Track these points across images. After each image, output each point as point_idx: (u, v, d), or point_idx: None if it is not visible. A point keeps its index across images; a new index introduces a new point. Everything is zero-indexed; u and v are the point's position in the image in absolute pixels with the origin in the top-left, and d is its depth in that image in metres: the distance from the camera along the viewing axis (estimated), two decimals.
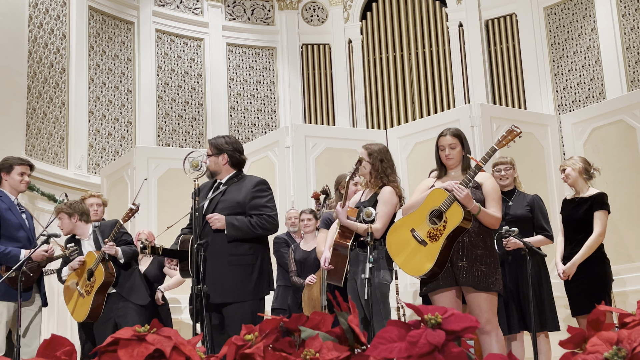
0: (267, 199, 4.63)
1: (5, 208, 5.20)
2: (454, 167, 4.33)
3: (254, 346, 1.97)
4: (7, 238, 5.16)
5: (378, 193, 4.90)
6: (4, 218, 5.16)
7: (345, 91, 12.06)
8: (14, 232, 5.19)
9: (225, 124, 11.59)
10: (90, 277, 5.49)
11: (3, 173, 5.33)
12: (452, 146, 4.29)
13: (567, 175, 5.43)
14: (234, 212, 4.54)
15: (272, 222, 4.58)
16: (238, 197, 4.59)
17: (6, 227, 5.17)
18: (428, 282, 4.20)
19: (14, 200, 5.32)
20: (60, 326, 8.78)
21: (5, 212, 5.18)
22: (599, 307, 1.90)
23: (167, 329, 2.02)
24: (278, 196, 8.16)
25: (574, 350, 1.88)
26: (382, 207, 4.78)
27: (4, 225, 5.16)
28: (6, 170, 5.32)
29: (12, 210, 5.25)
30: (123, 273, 5.60)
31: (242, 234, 4.49)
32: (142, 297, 5.62)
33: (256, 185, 4.64)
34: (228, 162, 4.70)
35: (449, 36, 11.69)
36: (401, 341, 1.76)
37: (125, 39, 11.17)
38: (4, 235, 5.16)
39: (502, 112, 8.32)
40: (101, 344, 2.02)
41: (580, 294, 5.21)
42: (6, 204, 5.23)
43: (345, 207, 4.90)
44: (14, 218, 5.22)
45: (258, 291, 4.54)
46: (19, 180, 5.32)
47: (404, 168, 8.01)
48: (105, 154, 10.54)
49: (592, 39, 10.40)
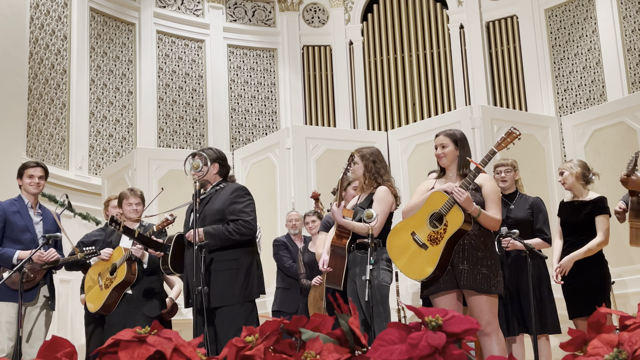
0: (244, 204, 4.68)
1: (14, 211, 5.42)
2: (448, 167, 4.34)
3: (255, 348, 1.97)
4: (10, 240, 5.35)
5: (373, 193, 4.92)
6: (9, 221, 5.38)
7: (346, 93, 12.06)
8: (18, 235, 5.36)
9: (226, 126, 11.60)
10: (113, 272, 5.60)
11: (18, 179, 5.59)
12: (443, 145, 4.32)
13: (564, 178, 5.42)
14: (217, 220, 4.62)
15: (248, 227, 4.62)
16: (219, 205, 4.67)
17: (11, 230, 5.36)
18: (429, 285, 4.20)
19: (27, 203, 5.50)
20: (61, 327, 8.79)
21: (13, 215, 5.40)
22: (600, 310, 1.90)
23: (167, 330, 2.02)
24: (279, 198, 8.17)
25: (575, 352, 1.88)
26: (377, 206, 4.81)
27: (8, 227, 5.37)
28: (19, 175, 5.58)
29: (22, 213, 5.44)
30: (145, 279, 5.63)
31: (220, 241, 4.55)
32: (152, 309, 5.65)
33: (234, 192, 4.71)
34: (218, 172, 4.81)
35: (450, 38, 11.69)
36: (402, 343, 1.76)
37: (127, 40, 11.17)
38: (8, 236, 5.36)
39: (502, 114, 8.32)
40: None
41: (578, 296, 5.21)
42: (17, 207, 5.46)
43: (341, 206, 4.92)
44: (20, 221, 5.40)
45: (245, 295, 4.60)
46: (28, 182, 5.50)
47: (404, 169, 8.01)
48: (106, 155, 10.54)
49: (593, 41, 10.40)
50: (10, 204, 5.45)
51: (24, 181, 5.51)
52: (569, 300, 5.29)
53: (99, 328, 6.01)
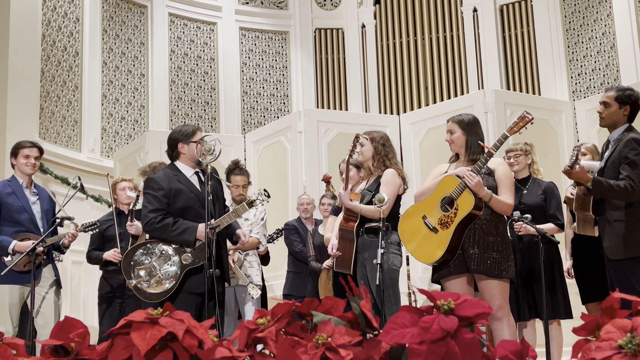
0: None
1: (8, 192, 5.37)
2: (460, 153, 4.35)
3: (266, 330, 1.98)
4: (8, 221, 5.32)
5: (381, 176, 4.92)
6: (4, 203, 5.33)
7: (358, 76, 12.01)
8: (15, 215, 5.33)
9: (237, 109, 11.59)
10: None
11: (12, 158, 5.52)
12: (451, 131, 4.35)
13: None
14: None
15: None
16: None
17: (7, 211, 5.33)
18: (440, 269, 4.20)
19: (22, 183, 5.45)
20: (74, 309, 8.85)
21: (7, 196, 5.35)
22: (613, 294, 1.89)
23: (180, 312, 2.03)
24: (290, 181, 8.18)
25: (588, 337, 1.87)
26: (385, 189, 4.81)
27: (4, 209, 5.33)
28: (14, 155, 5.51)
29: (17, 194, 5.39)
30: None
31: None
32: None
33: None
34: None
35: (463, 21, 11.61)
36: (413, 327, 1.76)
37: (139, 22, 11.15)
38: (5, 218, 5.33)
39: (515, 98, 8.27)
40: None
41: (591, 281, 5.18)
42: (12, 188, 5.40)
43: (348, 189, 4.92)
44: (16, 202, 5.36)
45: None
46: (24, 162, 5.45)
47: (416, 153, 7.98)
48: (118, 138, 10.56)
49: (608, 25, 10.30)
50: (4, 186, 5.40)
51: (19, 161, 5.44)
52: (581, 285, 5.26)
53: (111, 308, 6.04)
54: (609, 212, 4.26)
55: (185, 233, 4.36)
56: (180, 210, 4.45)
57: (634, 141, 4.20)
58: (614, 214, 4.23)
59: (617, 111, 4.37)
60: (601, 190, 4.19)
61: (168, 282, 4.35)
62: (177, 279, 4.34)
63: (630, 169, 4.15)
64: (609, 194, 4.19)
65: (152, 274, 4.38)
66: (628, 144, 4.21)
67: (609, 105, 4.38)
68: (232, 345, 2.01)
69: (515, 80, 11.23)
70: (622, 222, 4.18)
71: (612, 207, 4.25)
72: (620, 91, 4.39)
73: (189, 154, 4.59)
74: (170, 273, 4.36)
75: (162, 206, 4.42)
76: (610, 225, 4.23)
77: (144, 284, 4.36)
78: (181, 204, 4.46)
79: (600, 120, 4.43)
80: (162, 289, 4.34)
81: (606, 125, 4.43)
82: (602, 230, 4.31)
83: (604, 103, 4.39)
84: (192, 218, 4.44)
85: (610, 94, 4.39)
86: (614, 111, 4.37)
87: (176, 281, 4.34)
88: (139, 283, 4.37)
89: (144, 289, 4.35)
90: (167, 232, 4.36)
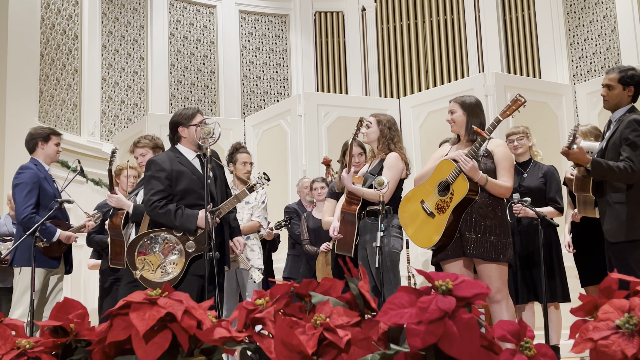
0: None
1: (42, 177, 5.31)
2: (460, 133, 4.35)
3: (265, 311, 1.98)
4: (45, 208, 5.23)
5: (384, 159, 4.91)
6: (42, 188, 5.27)
7: (358, 59, 11.98)
8: (48, 202, 5.26)
9: (237, 92, 11.56)
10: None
11: (40, 142, 5.43)
12: (452, 111, 4.35)
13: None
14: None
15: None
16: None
17: (44, 197, 5.27)
18: (438, 252, 4.21)
19: (47, 169, 5.42)
20: (74, 291, 8.87)
21: (43, 181, 5.29)
22: (611, 275, 1.89)
23: (178, 293, 2.03)
24: (290, 165, 8.17)
25: (585, 317, 1.87)
26: (388, 172, 4.81)
27: (42, 195, 5.27)
28: (44, 139, 5.43)
29: (48, 179, 5.36)
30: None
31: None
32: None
33: None
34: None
35: (464, 4, 11.56)
36: (411, 307, 1.76)
37: (138, 5, 11.10)
38: (43, 205, 5.24)
39: (516, 81, 8.24)
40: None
41: (591, 264, 5.18)
42: (42, 173, 5.34)
43: (351, 172, 4.91)
44: (50, 188, 5.33)
45: None
46: (56, 150, 5.45)
47: (416, 137, 7.97)
48: (117, 122, 10.55)
49: (609, 8, 10.25)
50: (38, 171, 5.33)
51: (50, 147, 5.41)
52: (581, 268, 5.27)
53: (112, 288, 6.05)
54: (609, 194, 4.24)
55: (187, 221, 4.36)
56: (182, 192, 4.45)
57: (635, 122, 4.18)
58: (614, 196, 4.21)
59: (621, 93, 4.32)
60: (600, 172, 4.18)
61: (173, 270, 4.36)
62: (183, 267, 4.36)
63: (630, 150, 4.14)
64: (608, 175, 4.17)
65: (157, 264, 4.39)
66: (629, 125, 4.18)
67: (612, 88, 4.33)
68: (231, 326, 2.02)
69: (516, 64, 11.19)
70: (622, 204, 4.17)
71: (612, 189, 4.23)
72: (623, 72, 4.34)
73: (189, 137, 4.58)
74: (175, 261, 4.37)
75: (165, 187, 4.42)
76: (611, 207, 4.22)
77: (150, 274, 4.37)
78: (183, 186, 4.46)
79: (605, 102, 4.39)
80: (168, 277, 4.35)
81: (610, 107, 4.39)
82: (602, 212, 4.30)
83: (608, 86, 4.35)
84: (193, 200, 4.45)
85: (613, 76, 4.34)
86: (618, 93, 4.33)
87: (181, 269, 4.36)
88: (145, 273, 4.39)
89: (149, 278, 4.36)
90: (170, 219, 4.36)
